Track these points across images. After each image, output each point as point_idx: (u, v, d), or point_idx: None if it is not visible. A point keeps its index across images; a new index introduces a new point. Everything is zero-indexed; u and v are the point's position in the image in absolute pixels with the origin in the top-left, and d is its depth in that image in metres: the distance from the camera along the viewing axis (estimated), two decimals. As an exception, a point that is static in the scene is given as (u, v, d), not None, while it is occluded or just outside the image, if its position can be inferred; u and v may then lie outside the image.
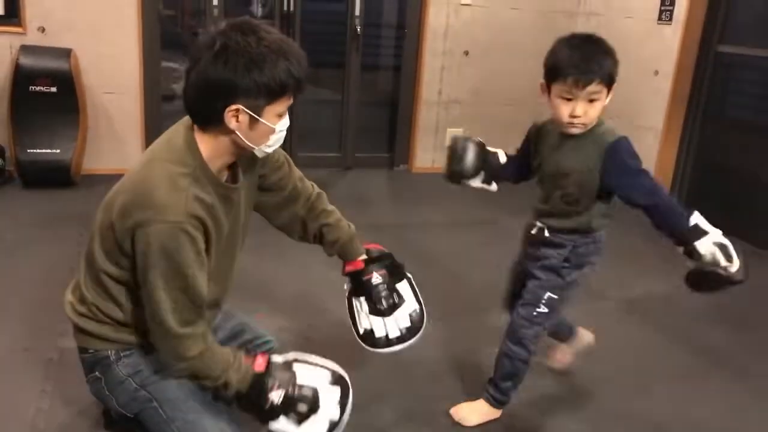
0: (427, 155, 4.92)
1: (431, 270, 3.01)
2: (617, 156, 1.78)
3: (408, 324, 1.73)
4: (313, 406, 1.52)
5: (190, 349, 1.47)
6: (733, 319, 2.85)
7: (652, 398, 2.23)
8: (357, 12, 4.51)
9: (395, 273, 1.77)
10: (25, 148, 3.78)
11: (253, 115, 1.40)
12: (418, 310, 1.76)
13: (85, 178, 3.94)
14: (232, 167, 1.57)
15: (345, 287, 1.80)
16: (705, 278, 1.72)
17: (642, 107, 4.32)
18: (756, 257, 3.55)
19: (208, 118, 1.43)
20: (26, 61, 3.78)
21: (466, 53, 4.78)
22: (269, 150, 1.52)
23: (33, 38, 3.88)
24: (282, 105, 1.44)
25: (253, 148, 1.48)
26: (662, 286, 3.17)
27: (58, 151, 3.80)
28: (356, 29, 4.55)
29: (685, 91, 4.12)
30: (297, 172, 1.80)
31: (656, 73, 4.21)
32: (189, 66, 1.42)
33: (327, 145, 4.89)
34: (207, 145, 1.47)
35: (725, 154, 4.06)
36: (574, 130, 1.78)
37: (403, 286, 1.77)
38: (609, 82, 1.73)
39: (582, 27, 4.90)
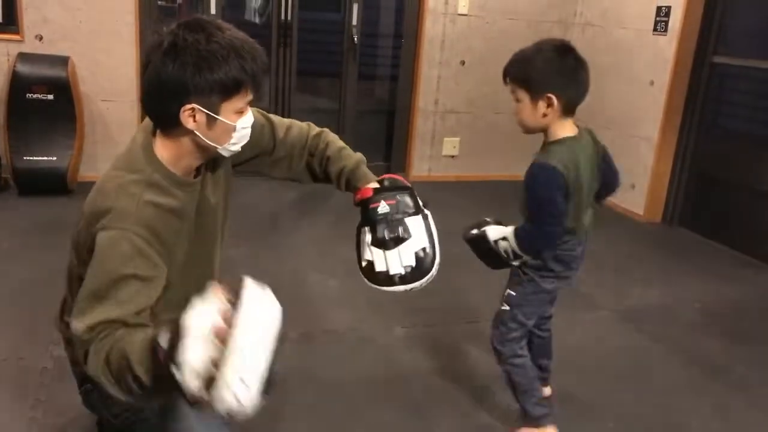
0: (424, 164, 4.93)
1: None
2: (526, 178, 1.82)
3: (412, 263, 1.52)
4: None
5: (93, 361, 1.34)
6: (728, 330, 2.86)
7: (647, 408, 2.22)
8: (354, 21, 4.54)
9: (407, 205, 1.58)
10: (22, 155, 3.78)
11: (210, 113, 1.37)
12: (428, 250, 1.54)
13: (81, 185, 3.93)
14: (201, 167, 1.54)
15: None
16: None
17: (637, 117, 4.34)
18: (753, 269, 3.58)
19: (166, 121, 1.40)
20: (23, 68, 3.79)
21: (463, 63, 4.80)
22: (235, 148, 1.47)
23: (30, 46, 3.89)
24: (239, 101, 1.40)
25: (217, 148, 1.44)
26: (657, 296, 3.18)
27: (55, 158, 3.80)
28: (353, 39, 4.57)
29: (680, 101, 4.14)
30: (283, 127, 1.73)
31: (651, 83, 4.23)
32: (143, 69, 1.39)
33: (324, 154, 4.89)
34: (168, 148, 1.44)
35: (720, 165, 4.07)
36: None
37: (414, 221, 1.56)
38: (523, 84, 1.77)
39: (577, 37, 4.93)
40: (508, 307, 1.93)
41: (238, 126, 1.43)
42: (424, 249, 1.54)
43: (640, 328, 2.81)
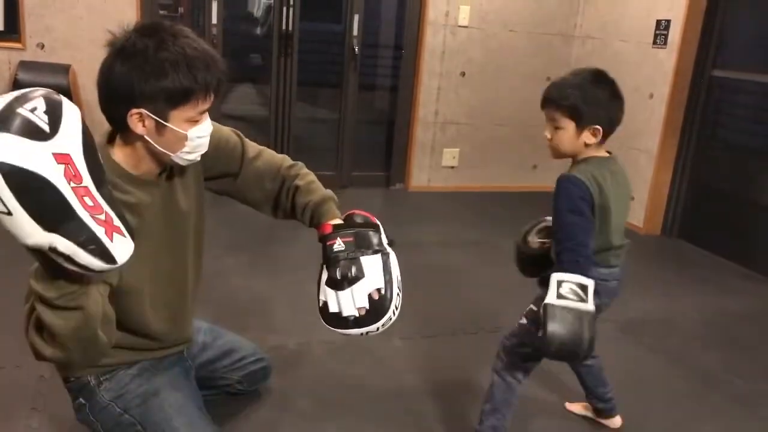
0: (424, 174, 4.94)
1: (425, 288, 3.00)
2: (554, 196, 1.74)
3: (365, 305, 1.43)
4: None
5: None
6: (728, 342, 2.85)
7: (647, 419, 2.21)
8: (355, 32, 4.55)
9: (365, 243, 1.49)
10: (22, 163, 3.77)
11: (159, 120, 1.35)
12: (382, 291, 1.45)
13: (80, 193, 3.93)
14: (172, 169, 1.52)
15: None
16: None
17: (637, 130, 4.36)
18: (752, 281, 3.58)
19: (117, 123, 1.40)
20: (25, 76, 3.79)
21: (463, 74, 4.82)
22: (190, 157, 1.43)
23: (32, 54, 3.90)
24: (190, 110, 1.36)
25: (169, 155, 1.41)
26: (657, 308, 3.17)
27: (55, 166, 3.80)
28: (354, 49, 4.59)
29: (679, 114, 4.16)
30: (255, 150, 1.71)
31: (651, 96, 4.25)
32: (98, 74, 1.39)
33: (323, 164, 4.89)
34: (124, 152, 1.43)
35: (720, 177, 4.08)
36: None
37: (371, 260, 1.46)
38: (571, 114, 1.75)
39: (577, 50, 4.95)
40: (525, 321, 1.86)
41: (191, 135, 1.39)
42: (379, 290, 1.45)
43: (640, 340, 2.81)
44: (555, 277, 1.64)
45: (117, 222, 1.12)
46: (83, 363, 1.35)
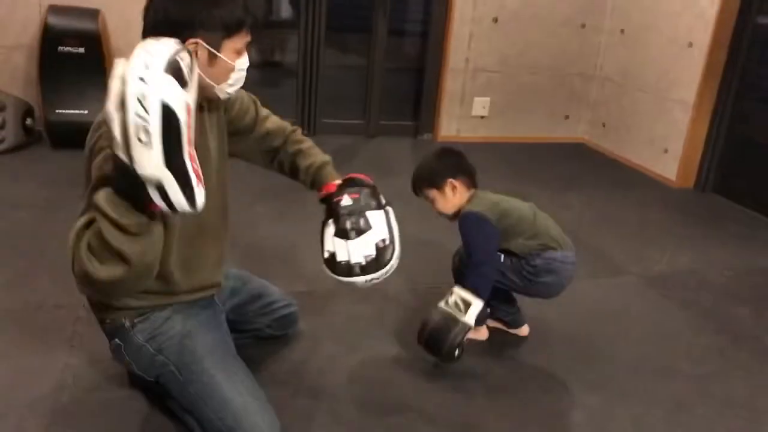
0: (453, 124, 4.88)
1: (452, 239, 3.00)
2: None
3: (373, 253, 1.58)
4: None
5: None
6: (759, 298, 2.81)
7: (674, 375, 2.22)
8: (385, -24, 4.44)
9: (369, 200, 1.65)
10: (54, 108, 3.82)
11: (212, 50, 1.44)
12: (387, 242, 1.60)
13: (112, 139, 3.97)
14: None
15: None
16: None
17: (672, 80, 4.22)
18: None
19: None
20: (54, 21, 3.80)
21: (495, 20, 4.69)
22: (231, 90, 1.54)
23: (61, -2, 3.89)
24: (239, 41, 1.48)
25: (214, 87, 1.50)
26: (687, 262, 3.13)
27: (86, 111, 3.83)
28: (384, -6, 4.49)
29: (719, 63, 4.01)
30: (265, 112, 1.87)
31: (690, 45, 4.10)
32: (147, 5, 1.44)
33: (351, 112, 4.86)
34: None
35: (759, 130, 3.96)
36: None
37: (375, 214, 1.63)
38: (431, 186, 2.14)
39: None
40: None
41: (237, 66, 1.50)
42: (383, 240, 1.60)
43: (669, 294, 2.79)
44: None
45: (200, 171, 1.26)
46: (133, 289, 1.43)
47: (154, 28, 1.41)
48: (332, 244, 1.62)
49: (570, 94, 5.01)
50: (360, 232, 1.59)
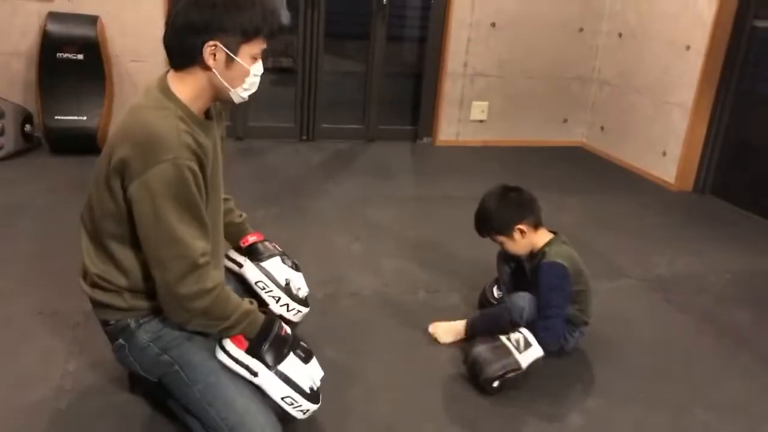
0: (452, 128, 4.88)
1: (452, 243, 3.00)
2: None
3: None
4: (309, 354, 1.68)
5: (211, 278, 1.51)
6: (759, 301, 2.81)
7: (673, 378, 2.21)
8: (383, -19, 4.45)
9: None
10: (53, 114, 3.82)
11: (229, 53, 1.50)
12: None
13: (111, 145, 3.97)
14: (207, 113, 1.64)
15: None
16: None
17: (671, 83, 4.23)
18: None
19: (187, 56, 1.51)
20: (54, 27, 3.81)
21: (493, 25, 4.70)
22: (245, 95, 1.59)
23: (60, 5, 3.90)
24: (255, 47, 1.53)
25: (230, 90, 1.55)
26: (687, 265, 3.13)
27: (85, 117, 3.84)
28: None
29: (717, 66, 4.01)
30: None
31: (688, 48, 4.10)
32: (172, 11, 1.52)
33: (350, 117, 4.87)
34: (185, 85, 1.54)
35: (757, 132, 3.96)
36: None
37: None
38: (499, 233, 2.17)
39: (610, 1, 4.79)
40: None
41: (252, 71, 1.56)
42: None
43: (669, 297, 2.79)
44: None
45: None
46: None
47: (174, 28, 1.51)
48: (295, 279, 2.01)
49: (568, 97, 5.02)
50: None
